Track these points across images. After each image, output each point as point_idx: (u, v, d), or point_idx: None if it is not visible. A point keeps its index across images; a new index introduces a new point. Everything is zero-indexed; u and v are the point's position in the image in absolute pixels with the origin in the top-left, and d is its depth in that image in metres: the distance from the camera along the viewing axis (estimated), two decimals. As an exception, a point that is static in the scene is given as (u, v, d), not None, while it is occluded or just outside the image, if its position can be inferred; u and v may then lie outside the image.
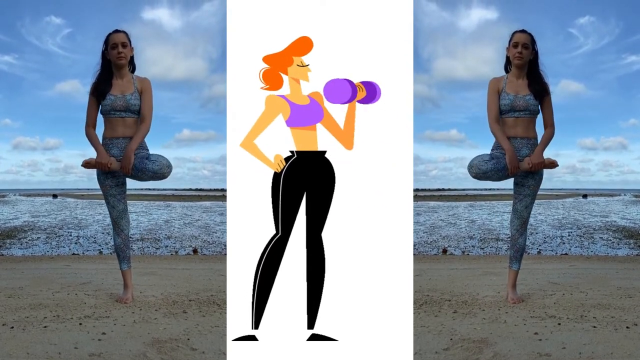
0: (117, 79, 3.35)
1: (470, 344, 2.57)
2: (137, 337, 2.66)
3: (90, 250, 7.56)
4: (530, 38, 3.35)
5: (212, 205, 20.86)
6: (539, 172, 3.37)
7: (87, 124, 3.38)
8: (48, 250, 7.70)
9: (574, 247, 8.12)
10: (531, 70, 3.38)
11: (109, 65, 3.37)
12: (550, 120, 3.39)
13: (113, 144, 3.33)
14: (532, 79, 3.37)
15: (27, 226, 11.85)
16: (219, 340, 2.64)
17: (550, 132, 3.38)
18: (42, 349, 2.46)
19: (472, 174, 3.30)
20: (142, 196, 31.73)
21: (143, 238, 9.02)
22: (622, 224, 12.53)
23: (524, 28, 3.41)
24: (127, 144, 3.30)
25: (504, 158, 3.27)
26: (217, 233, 10.04)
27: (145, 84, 3.41)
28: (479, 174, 3.27)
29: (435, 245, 8.03)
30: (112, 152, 3.34)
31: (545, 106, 3.38)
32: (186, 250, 7.54)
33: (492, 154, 3.34)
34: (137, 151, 3.31)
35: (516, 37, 3.37)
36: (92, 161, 3.30)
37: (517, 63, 3.34)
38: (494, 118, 3.38)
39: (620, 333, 2.69)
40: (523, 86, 3.35)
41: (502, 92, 3.35)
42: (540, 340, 2.60)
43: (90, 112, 3.38)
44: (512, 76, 3.38)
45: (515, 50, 3.33)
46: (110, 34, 3.37)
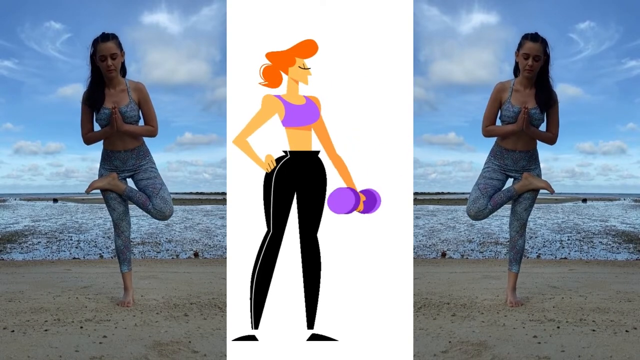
0: (109, 89, 3.27)
1: (469, 347, 2.57)
2: (139, 340, 2.67)
3: (91, 254, 7.57)
4: (542, 48, 3.16)
5: (213, 209, 20.86)
6: (539, 174, 3.38)
7: (83, 133, 3.32)
8: (49, 254, 7.70)
9: (574, 251, 8.12)
10: (540, 78, 3.24)
11: (98, 71, 3.25)
12: (553, 129, 3.30)
13: (114, 156, 3.34)
14: (540, 88, 3.24)
15: (27, 230, 11.85)
16: (220, 342, 2.65)
17: (550, 137, 3.31)
18: (43, 352, 2.46)
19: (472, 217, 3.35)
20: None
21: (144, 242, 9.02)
22: (621, 229, 12.52)
23: (531, 32, 3.20)
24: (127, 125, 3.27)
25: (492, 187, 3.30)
26: (218, 237, 10.04)
27: (140, 92, 3.31)
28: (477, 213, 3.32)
29: (434, 249, 8.04)
30: (113, 164, 3.35)
31: (550, 115, 3.29)
32: (187, 253, 7.55)
33: (479, 186, 3.35)
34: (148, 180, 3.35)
35: (527, 47, 3.17)
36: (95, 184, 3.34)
37: (526, 75, 3.21)
38: (489, 123, 3.32)
39: (620, 337, 2.70)
40: (530, 97, 3.24)
41: (507, 102, 3.25)
42: (540, 344, 2.61)
43: (85, 122, 3.32)
44: (519, 84, 3.26)
45: (526, 62, 3.16)
46: (98, 42, 3.20)
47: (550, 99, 3.24)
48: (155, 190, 3.33)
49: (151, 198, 3.33)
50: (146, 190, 3.34)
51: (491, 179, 3.35)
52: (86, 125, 3.32)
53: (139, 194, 3.35)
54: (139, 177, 3.37)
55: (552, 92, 3.26)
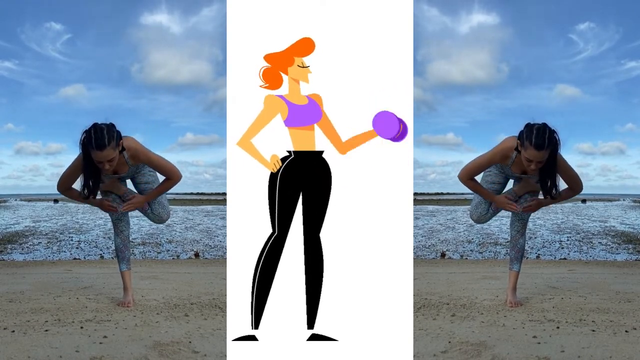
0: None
1: (469, 347, 2.58)
2: (139, 340, 2.68)
3: (92, 255, 7.57)
4: (548, 152, 2.86)
5: (213, 209, 20.85)
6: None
7: (61, 183, 3.09)
8: (49, 255, 7.70)
9: (573, 251, 8.12)
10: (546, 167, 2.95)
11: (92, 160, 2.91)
12: (572, 183, 3.07)
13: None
14: (544, 175, 3.00)
15: (28, 231, 11.85)
16: (220, 343, 2.65)
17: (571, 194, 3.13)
18: (43, 352, 2.47)
19: (475, 222, 3.39)
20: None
21: (144, 242, 9.02)
22: (621, 229, 12.52)
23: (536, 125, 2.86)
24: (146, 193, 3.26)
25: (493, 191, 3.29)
26: (218, 237, 10.04)
27: (136, 152, 3.04)
28: (480, 217, 3.33)
29: (433, 249, 8.04)
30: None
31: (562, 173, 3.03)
32: (188, 254, 7.55)
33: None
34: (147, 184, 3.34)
35: (530, 154, 2.86)
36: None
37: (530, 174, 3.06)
38: (472, 174, 3.13)
39: (619, 337, 2.71)
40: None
41: (507, 167, 3.12)
42: (539, 344, 2.61)
43: (71, 176, 3.07)
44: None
45: (529, 164, 2.92)
46: (92, 148, 2.83)
47: (554, 188, 3.03)
48: None
49: (150, 203, 3.36)
50: (145, 194, 3.35)
51: (492, 183, 3.36)
52: (71, 178, 3.08)
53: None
54: (138, 180, 3.38)
55: (557, 184, 3.03)
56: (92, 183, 3.04)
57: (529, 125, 2.92)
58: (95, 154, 2.87)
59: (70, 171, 3.08)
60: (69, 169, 3.08)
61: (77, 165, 3.04)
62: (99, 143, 2.84)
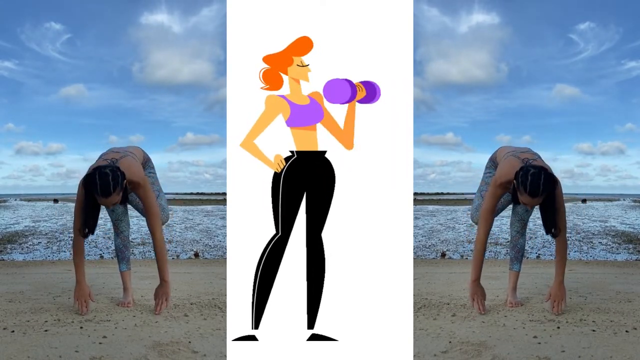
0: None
1: (469, 347, 2.57)
2: (138, 340, 2.67)
3: (91, 255, 7.56)
4: (541, 199, 2.83)
5: (213, 209, 20.84)
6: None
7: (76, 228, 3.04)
8: (49, 254, 7.70)
9: (573, 251, 8.12)
10: (547, 203, 2.90)
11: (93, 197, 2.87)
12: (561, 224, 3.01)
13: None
14: (543, 213, 2.95)
15: (28, 231, 11.85)
16: (220, 343, 2.65)
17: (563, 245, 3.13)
18: (42, 352, 2.46)
19: (476, 224, 3.36)
20: (142, 201, 31.51)
21: (144, 242, 9.01)
22: (621, 229, 12.52)
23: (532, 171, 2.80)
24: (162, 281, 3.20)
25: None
26: (218, 237, 10.04)
27: (137, 187, 3.03)
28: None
29: (433, 249, 8.04)
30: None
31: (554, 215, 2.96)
32: (187, 254, 7.55)
33: (481, 192, 3.36)
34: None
35: (525, 199, 2.84)
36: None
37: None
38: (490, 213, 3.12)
39: (620, 337, 2.70)
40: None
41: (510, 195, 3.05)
42: (540, 344, 2.61)
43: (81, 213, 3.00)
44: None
45: (525, 205, 2.92)
46: (97, 195, 2.79)
47: (555, 227, 3.00)
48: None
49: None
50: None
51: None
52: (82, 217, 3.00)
53: (138, 198, 3.35)
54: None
55: (557, 222, 2.99)
56: (92, 222, 3.01)
57: (525, 170, 2.85)
58: (100, 200, 2.84)
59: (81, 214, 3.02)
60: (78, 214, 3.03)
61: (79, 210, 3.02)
62: (105, 190, 2.79)
